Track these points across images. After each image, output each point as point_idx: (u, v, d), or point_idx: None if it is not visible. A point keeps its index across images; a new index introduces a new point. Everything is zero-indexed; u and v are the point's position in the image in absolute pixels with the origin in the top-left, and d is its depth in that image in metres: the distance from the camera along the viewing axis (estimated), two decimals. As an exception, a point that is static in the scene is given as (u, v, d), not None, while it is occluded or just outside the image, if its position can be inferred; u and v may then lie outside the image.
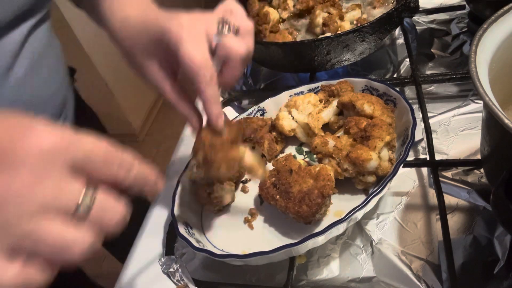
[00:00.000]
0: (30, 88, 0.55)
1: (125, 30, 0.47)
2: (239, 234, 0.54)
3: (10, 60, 0.51)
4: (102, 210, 0.28)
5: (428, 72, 0.72)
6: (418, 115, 0.61)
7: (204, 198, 0.55)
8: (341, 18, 0.75)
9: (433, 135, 0.59)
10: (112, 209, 0.29)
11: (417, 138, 0.57)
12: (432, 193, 0.54)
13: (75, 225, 0.27)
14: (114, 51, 0.52)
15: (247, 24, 0.46)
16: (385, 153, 0.52)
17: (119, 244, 0.72)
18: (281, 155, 0.61)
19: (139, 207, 0.98)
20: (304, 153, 0.62)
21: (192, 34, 0.42)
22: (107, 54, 1.95)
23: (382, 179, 0.50)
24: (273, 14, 0.79)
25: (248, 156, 0.49)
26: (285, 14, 0.85)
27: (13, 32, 0.51)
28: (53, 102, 0.60)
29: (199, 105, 0.46)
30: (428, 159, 0.56)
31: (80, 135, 0.29)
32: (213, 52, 0.44)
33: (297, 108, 0.61)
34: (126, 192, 0.32)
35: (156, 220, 0.62)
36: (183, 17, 0.44)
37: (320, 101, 0.62)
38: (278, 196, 0.50)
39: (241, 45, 0.44)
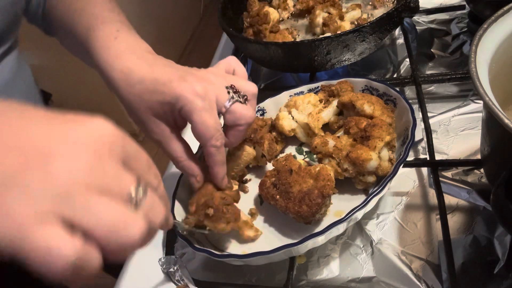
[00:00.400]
0: None
1: (129, 84, 0.46)
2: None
3: None
4: (151, 206, 0.29)
5: (428, 72, 0.72)
6: (418, 115, 0.61)
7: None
8: (341, 18, 0.75)
9: (433, 135, 0.59)
10: (158, 208, 0.30)
11: (417, 138, 0.57)
12: (432, 193, 0.54)
13: (130, 210, 0.27)
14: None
15: (252, 89, 0.49)
16: (385, 153, 0.52)
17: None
18: (281, 155, 0.61)
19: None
20: (304, 153, 0.62)
21: (206, 102, 0.44)
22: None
23: (382, 179, 0.50)
24: (273, 14, 0.79)
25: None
26: (285, 14, 0.85)
27: None
28: None
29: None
30: (428, 159, 0.56)
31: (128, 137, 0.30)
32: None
33: (297, 108, 0.61)
34: None
35: (156, 220, 0.62)
36: (196, 84, 0.44)
37: (320, 101, 0.62)
38: (278, 196, 0.50)
39: (249, 112, 0.47)
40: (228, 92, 0.47)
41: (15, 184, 0.24)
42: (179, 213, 0.54)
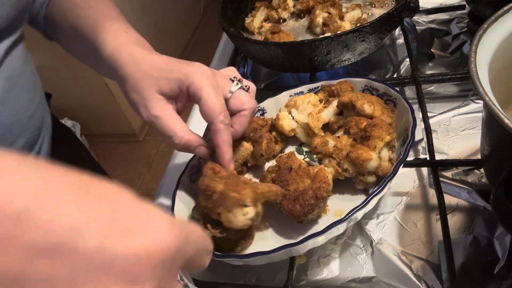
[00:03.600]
0: (9, 110, 0.53)
1: (136, 63, 0.47)
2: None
3: None
4: None
5: (428, 72, 0.72)
6: (418, 115, 0.61)
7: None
8: (341, 18, 0.75)
9: (433, 135, 0.59)
10: None
11: (417, 138, 0.57)
12: (432, 193, 0.54)
13: None
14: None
15: (252, 85, 0.52)
16: (385, 153, 0.52)
17: None
18: (285, 153, 0.61)
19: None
20: (304, 153, 0.62)
21: (213, 84, 0.46)
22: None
23: (382, 179, 0.50)
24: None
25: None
26: (285, 14, 0.85)
27: None
28: (32, 123, 0.58)
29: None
30: (428, 159, 0.56)
31: (190, 225, 0.26)
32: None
33: (297, 108, 0.61)
34: None
35: (156, 220, 0.62)
36: (204, 67, 0.47)
37: (320, 101, 0.62)
38: None
39: (252, 99, 0.50)
40: (232, 81, 0.49)
41: None
42: (180, 213, 0.54)
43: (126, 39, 0.50)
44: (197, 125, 0.74)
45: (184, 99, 0.48)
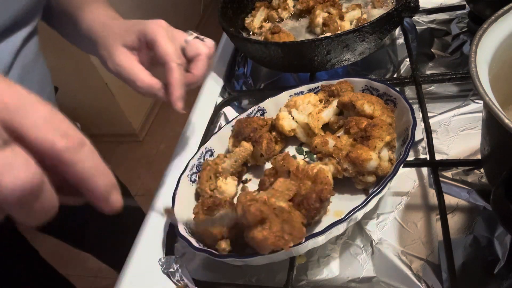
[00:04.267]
0: None
1: (105, 25, 0.56)
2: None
3: (5, 71, 0.53)
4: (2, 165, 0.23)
5: (428, 72, 0.72)
6: (418, 115, 0.61)
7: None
8: (341, 18, 0.75)
9: (433, 135, 0.59)
10: (16, 164, 0.23)
11: (417, 138, 0.57)
12: (432, 193, 0.54)
13: None
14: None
15: (210, 40, 0.58)
16: (385, 153, 0.52)
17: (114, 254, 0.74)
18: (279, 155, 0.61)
19: (139, 207, 0.98)
20: (304, 153, 0.62)
21: (167, 31, 0.53)
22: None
23: (382, 179, 0.50)
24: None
25: None
26: (285, 14, 0.85)
27: (8, 41, 0.53)
28: None
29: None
30: (428, 159, 0.56)
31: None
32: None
33: (297, 108, 0.61)
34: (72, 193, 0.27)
35: (156, 220, 0.62)
36: (161, 21, 0.54)
37: (320, 101, 0.62)
38: None
39: (206, 46, 0.56)
40: (187, 32, 0.57)
41: None
42: (180, 212, 0.54)
43: (102, 14, 0.58)
44: (196, 126, 0.75)
45: (144, 49, 0.55)
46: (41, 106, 0.26)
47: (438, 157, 0.56)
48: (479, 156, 0.53)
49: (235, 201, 0.50)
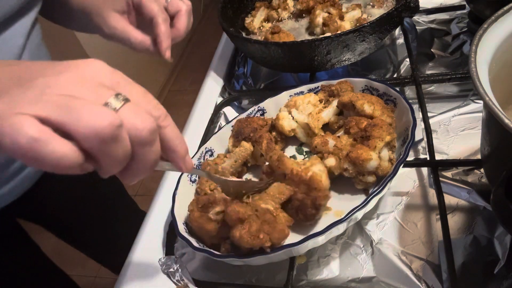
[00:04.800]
0: None
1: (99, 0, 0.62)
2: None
3: (19, 53, 0.58)
4: (131, 112, 0.30)
5: (428, 72, 0.72)
6: (418, 115, 0.61)
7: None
8: (341, 18, 0.75)
9: (433, 135, 0.59)
10: (141, 117, 0.30)
11: (417, 138, 0.57)
12: (432, 193, 0.54)
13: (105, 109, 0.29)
14: (114, 50, 0.56)
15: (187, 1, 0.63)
16: (385, 153, 0.52)
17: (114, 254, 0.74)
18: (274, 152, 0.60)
19: (139, 207, 0.98)
20: (304, 153, 0.62)
21: None
22: (106, 54, 1.95)
23: (382, 179, 0.50)
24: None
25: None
26: (285, 14, 0.85)
27: (21, 22, 0.58)
28: None
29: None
30: (428, 159, 0.56)
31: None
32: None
33: (297, 108, 0.61)
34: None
35: (156, 220, 0.62)
36: None
37: (320, 101, 0.62)
38: None
39: (185, 3, 0.61)
40: None
41: (3, 95, 0.29)
42: (180, 212, 0.54)
43: None
44: (196, 126, 0.75)
45: (132, 12, 0.61)
46: (137, 85, 0.33)
47: (438, 157, 0.56)
48: (479, 156, 0.53)
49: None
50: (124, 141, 0.29)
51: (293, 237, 0.51)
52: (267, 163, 0.54)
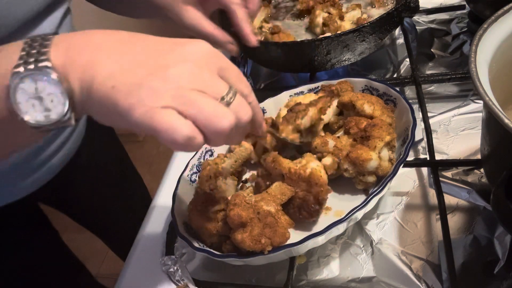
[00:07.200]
0: None
1: None
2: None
3: None
4: (239, 106, 0.36)
5: (428, 72, 0.72)
6: (418, 115, 0.61)
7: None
8: (341, 18, 0.75)
9: (433, 135, 0.59)
10: (245, 108, 0.37)
11: (417, 138, 0.57)
12: (432, 193, 0.54)
13: (223, 107, 0.35)
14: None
15: None
16: (385, 153, 0.52)
17: (120, 240, 0.74)
18: (268, 155, 0.60)
19: (139, 207, 0.98)
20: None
21: None
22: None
23: (382, 179, 0.50)
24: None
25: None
26: (285, 14, 0.85)
27: (52, 16, 0.59)
28: None
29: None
30: (428, 159, 0.56)
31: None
32: None
33: (297, 108, 0.61)
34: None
35: (156, 220, 0.62)
36: None
37: (320, 101, 0.62)
38: None
39: None
40: None
41: (144, 87, 0.33)
42: (180, 212, 0.54)
43: None
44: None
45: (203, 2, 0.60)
46: (233, 66, 0.39)
47: (438, 157, 0.56)
48: (479, 156, 0.53)
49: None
50: (233, 130, 0.36)
51: (293, 237, 0.51)
52: (259, 169, 0.54)
